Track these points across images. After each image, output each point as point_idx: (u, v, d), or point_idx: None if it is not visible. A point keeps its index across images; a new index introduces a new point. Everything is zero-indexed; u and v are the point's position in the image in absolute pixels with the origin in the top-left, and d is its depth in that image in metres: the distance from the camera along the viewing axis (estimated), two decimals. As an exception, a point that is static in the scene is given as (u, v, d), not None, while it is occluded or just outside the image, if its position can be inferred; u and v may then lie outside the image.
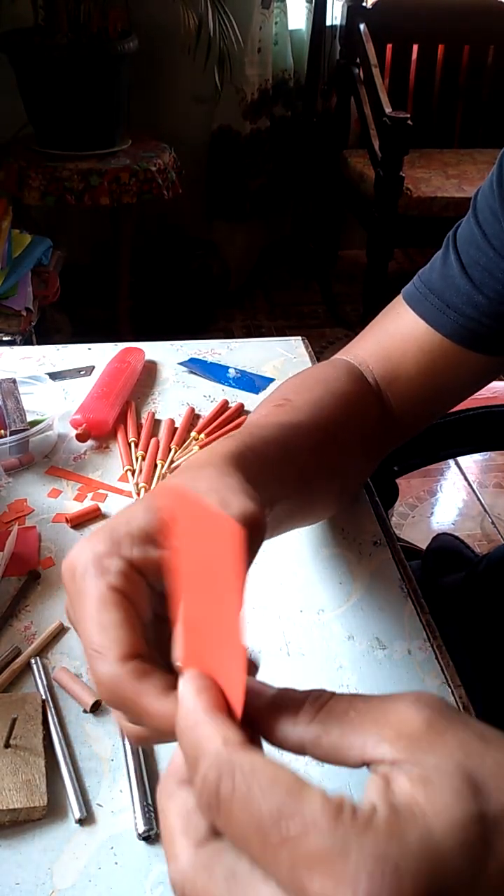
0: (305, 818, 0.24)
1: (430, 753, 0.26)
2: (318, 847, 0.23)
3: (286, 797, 0.25)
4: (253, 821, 0.25)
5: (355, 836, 0.23)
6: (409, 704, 0.27)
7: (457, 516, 2.18)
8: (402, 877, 0.23)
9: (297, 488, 0.53)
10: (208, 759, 0.27)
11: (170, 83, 2.80)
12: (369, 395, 0.67)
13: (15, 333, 1.91)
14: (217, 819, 0.26)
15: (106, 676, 0.34)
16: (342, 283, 3.27)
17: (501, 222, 0.63)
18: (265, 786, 0.25)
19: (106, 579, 0.36)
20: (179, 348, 1.02)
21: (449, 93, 3.12)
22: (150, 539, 0.38)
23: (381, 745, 0.26)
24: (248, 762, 0.26)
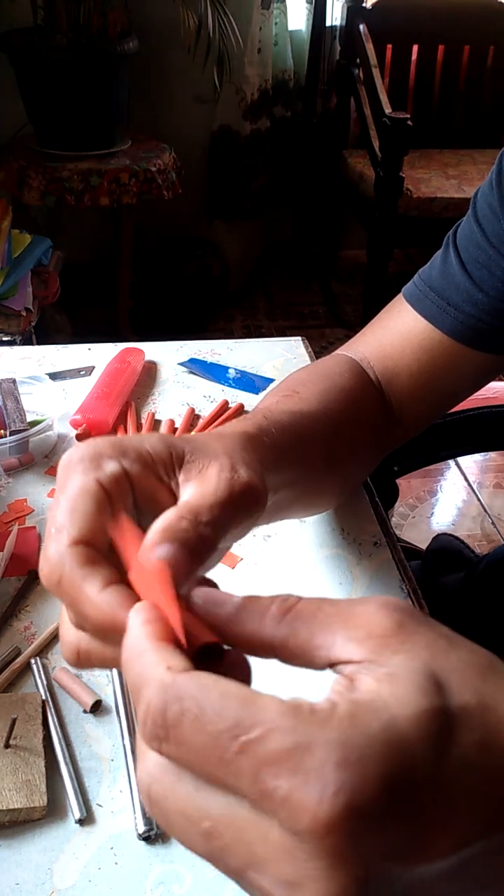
0: (264, 723, 0.24)
1: (398, 653, 0.26)
2: (280, 747, 0.23)
3: (240, 708, 0.24)
4: (208, 739, 0.24)
5: (318, 729, 0.23)
6: (379, 607, 0.27)
7: (457, 516, 2.18)
8: (368, 765, 0.23)
9: (304, 476, 0.53)
10: (151, 686, 0.26)
11: (170, 83, 2.80)
12: (371, 391, 0.67)
13: (15, 333, 1.91)
14: (167, 748, 0.25)
15: (54, 555, 0.33)
16: (342, 284, 3.27)
17: (501, 221, 0.63)
18: (216, 702, 0.24)
19: (96, 473, 0.35)
20: (179, 348, 1.02)
21: (449, 93, 3.12)
22: (154, 465, 0.37)
23: (349, 644, 0.26)
24: (194, 683, 0.25)
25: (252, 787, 0.23)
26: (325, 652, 0.27)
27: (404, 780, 0.23)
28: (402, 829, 0.23)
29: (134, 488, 0.36)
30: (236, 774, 0.24)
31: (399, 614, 0.27)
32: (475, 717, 0.24)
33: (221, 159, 2.94)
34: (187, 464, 0.38)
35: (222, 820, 0.24)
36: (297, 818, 0.23)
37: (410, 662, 0.25)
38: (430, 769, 0.23)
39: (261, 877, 0.24)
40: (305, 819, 0.22)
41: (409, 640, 0.26)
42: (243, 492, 0.38)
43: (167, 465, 0.38)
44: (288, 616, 0.28)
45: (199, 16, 2.29)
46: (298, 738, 0.23)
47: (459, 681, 0.25)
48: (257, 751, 0.23)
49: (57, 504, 0.35)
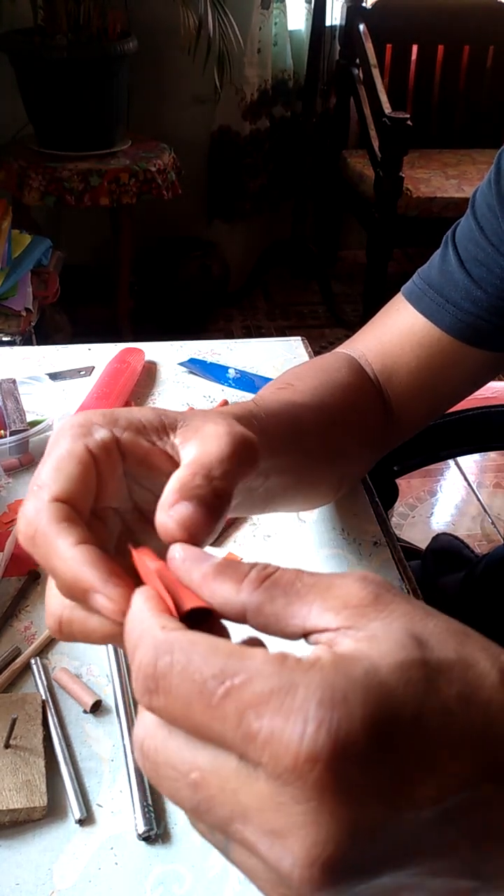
0: (249, 669, 0.24)
1: (375, 620, 0.26)
2: (264, 689, 0.23)
3: (228, 658, 0.25)
4: (194, 686, 0.24)
5: (301, 674, 0.24)
6: (356, 580, 0.27)
7: (456, 516, 2.18)
8: (351, 704, 0.23)
9: (297, 464, 0.53)
10: (145, 642, 0.26)
11: (170, 83, 2.80)
12: (369, 388, 0.67)
13: (15, 333, 1.90)
14: (156, 700, 0.25)
15: (31, 510, 0.33)
16: (342, 283, 3.27)
17: (499, 219, 0.64)
18: (204, 653, 0.25)
19: (85, 440, 0.35)
20: (179, 348, 1.02)
21: (449, 93, 3.12)
22: (145, 431, 0.37)
23: (326, 613, 0.27)
24: (185, 638, 0.26)
25: (237, 732, 0.24)
26: (299, 621, 0.27)
27: (387, 721, 0.23)
28: (385, 771, 0.23)
29: (125, 455, 0.37)
30: (222, 719, 0.24)
31: (375, 587, 0.27)
32: (455, 670, 0.25)
33: (221, 159, 2.94)
34: (181, 427, 0.38)
35: (210, 769, 0.25)
36: (281, 757, 0.23)
37: (389, 626, 0.26)
38: (411, 713, 0.23)
39: (246, 828, 0.24)
40: (288, 757, 0.23)
41: (385, 609, 0.26)
42: (244, 443, 0.38)
43: (159, 430, 0.38)
44: (265, 583, 0.28)
45: (198, 16, 2.29)
46: (282, 681, 0.24)
47: (438, 640, 0.26)
48: (242, 694, 0.24)
49: (42, 465, 0.35)
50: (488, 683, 0.25)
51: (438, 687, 0.24)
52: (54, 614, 0.34)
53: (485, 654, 0.26)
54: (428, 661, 0.25)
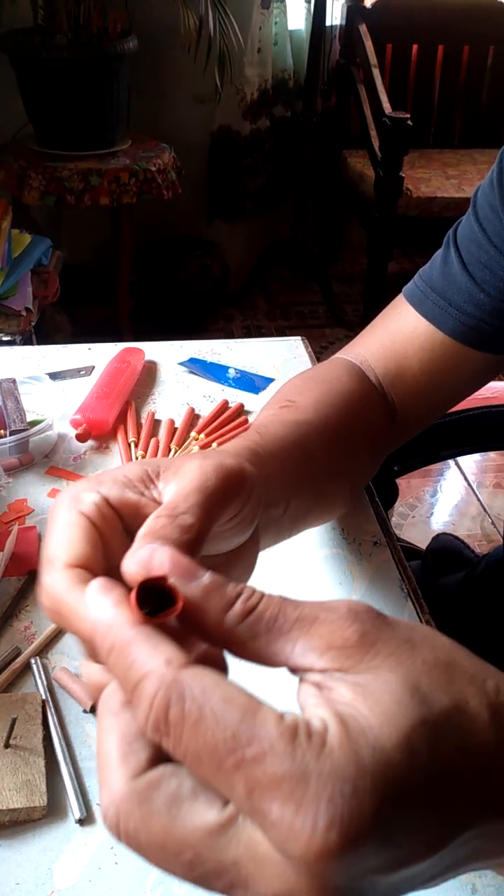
0: (262, 742, 0.24)
1: (362, 662, 0.26)
2: (276, 772, 0.23)
3: (241, 721, 0.24)
4: (207, 746, 0.24)
5: (313, 759, 0.23)
6: (340, 617, 0.27)
7: (456, 516, 2.18)
8: (361, 796, 0.23)
9: (312, 485, 0.53)
10: (153, 681, 0.25)
11: (170, 83, 2.79)
12: (372, 394, 0.67)
13: (15, 333, 1.90)
14: (166, 742, 0.25)
15: (48, 582, 0.33)
16: (342, 283, 3.27)
17: (502, 220, 0.63)
18: (217, 709, 0.24)
19: (78, 507, 0.36)
20: (179, 348, 1.02)
21: (449, 93, 3.12)
22: (130, 483, 0.38)
23: (309, 653, 0.26)
24: (197, 684, 0.25)
25: (245, 804, 0.24)
26: (282, 658, 0.27)
27: (395, 804, 0.23)
28: (389, 849, 0.23)
29: (118, 512, 0.37)
30: (230, 786, 0.24)
31: (360, 624, 0.27)
32: (452, 720, 0.25)
33: (221, 159, 2.94)
34: (163, 472, 0.38)
35: (204, 846, 0.24)
36: (289, 844, 0.23)
37: (379, 676, 0.26)
38: (419, 784, 0.24)
39: (247, 892, 0.24)
40: (297, 847, 0.23)
41: (371, 650, 0.26)
42: (217, 473, 0.38)
43: (144, 480, 0.38)
44: (249, 618, 0.28)
45: (199, 15, 2.29)
46: (294, 768, 0.23)
47: (429, 684, 0.26)
48: (254, 771, 0.23)
49: (46, 544, 0.35)
50: (480, 726, 0.25)
51: (441, 748, 0.24)
52: (93, 684, 0.33)
53: (473, 688, 0.26)
54: (427, 720, 0.25)
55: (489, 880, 0.49)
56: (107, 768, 0.26)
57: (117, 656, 0.27)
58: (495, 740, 0.25)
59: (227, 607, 0.28)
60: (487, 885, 0.49)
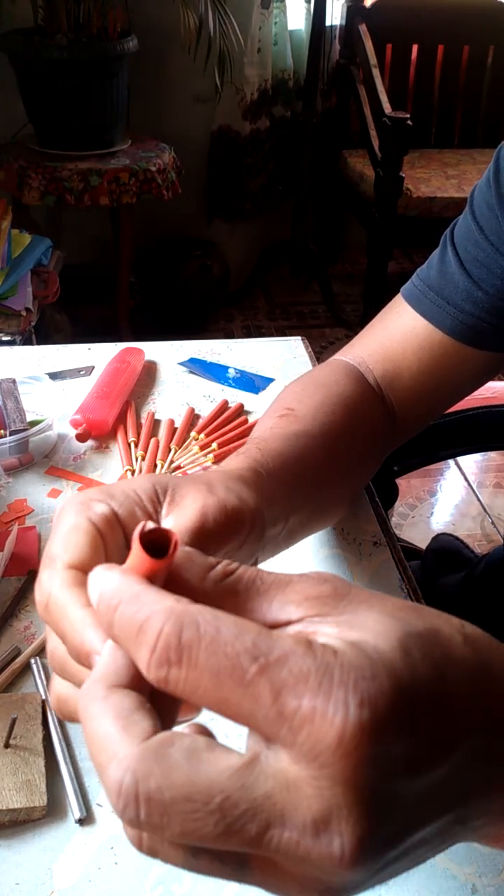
0: (283, 648, 0.24)
1: (338, 606, 0.27)
2: (302, 668, 0.24)
3: (258, 634, 0.25)
4: (225, 660, 0.24)
5: (331, 656, 0.24)
6: (312, 577, 0.28)
7: (456, 516, 2.18)
8: (381, 681, 0.24)
9: (312, 497, 0.53)
10: (161, 615, 0.25)
11: (170, 83, 2.80)
12: (370, 396, 0.67)
13: (15, 333, 1.90)
14: (176, 673, 0.24)
15: (45, 579, 0.33)
16: (342, 283, 3.27)
17: (499, 218, 0.63)
18: (234, 627, 0.25)
19: (87, 513, 0.36)
20: (179, 348, 1.02)
21: (448, 93, 3.12)
22: (140, 503, 0.38)
23: (287, 606, 0.27)
24: (208, 611, 0.25)
25: (271, 709, 0.24)
26: (259, 615, 0.28)
27: (407, 692, 0.24)
28: (411, 738, 0.24)
29: (124, 527, 0.37)
30: (255, 696, 0.24)
31: (331, 583, 0.28)
32: (431, 636, 0.27)
33: (221, 159, 2.94)
34: (169, 496, 0.39)
35: (234, 786, 0.24)
36: (323, 735, 0.23)
37: (356, 611, 0.27)
38: (422, 680, 0.25)
39: (285, 831, 0.24)
40: (332, 734, 0.23)
41: (346, 598, 0.28)
42: (216, 516, 0.38)
43: (153, 501, 0.38)
44: (229, 578, 0.28)
45: (199, 15, 2.29)
46: (318, 662, 0.24)
47: (406, 615, 0.27)
48: (279, 671, 0.24)
49: (50, 543, 0.36)
50: (456, 644, 0.27)
51: (430, 654, 0.26)
52: (56, 694, 0.34)
53: (442, 620, 0.28)
54: (411, 633, 0.26)
55: (489, 880, 0.49)
56: (107, 745, 0.25)
57: (125, 607, 0.26)
58: (473, 657, 0.27)
59: (208, 569, 0.29)
60: (487, 886, 0.49)
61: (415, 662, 0.25)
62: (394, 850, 0.25)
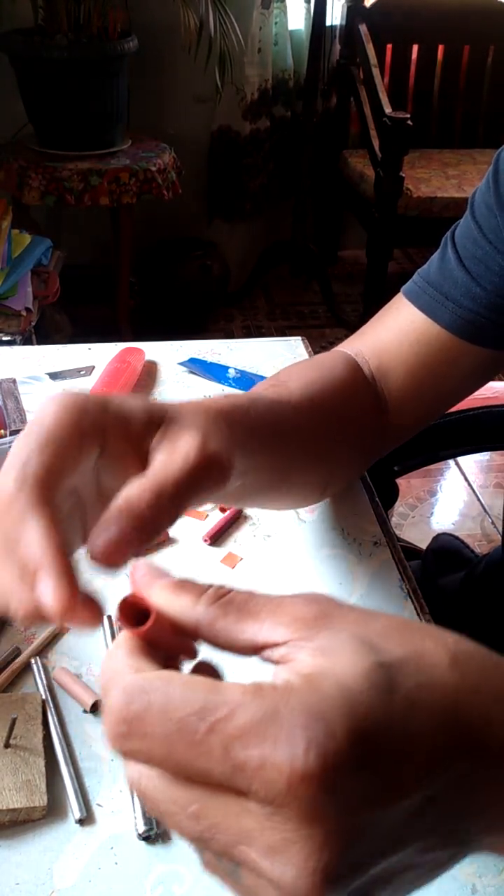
0: (229, 703, 0.25)
1: (323, 630, 0.27)
2: (248, 720, 0.24)
3: (207, 694, 0.25)
4: (175, 725, 0.25)
5: (280, 699, 0.25)
6: (303, 599, 0.29)
7: (457, 516, 2.18)
8: (331, 720, 0.24)
9: (279, 464, 0.53)
10: (113, 689, 0.26)
11: (170, 83, 2.79)
12: (363, 386, 0.67)
13: (15, 333, 1.91)
14: (129, 744, 0.26)
15: (13, 480, 0.34)
16: (342, 283, 3.27)
17: (497, 217, 0.64)
18: (182, 691, 0.25)
19: (77, 420, 0.36)
20: (179, 348, 1.02)
21: (449, 93, 3.12)
22: (129, 427, 0.39)
23: (277, 628, 0.28)
24: (159, 677, 0.26)
25: (224, 765, 0.24)
26: (250, 635, 0.28)
27: (364, 728, 0.24)
28: (369, 775, 0.24)
29: (105, 448, 0.37)
30: (207, 755, 0.24)
31: (319, 604, 0.29)
32: (409, 664, 0.26)
33: (221, 159, 2.94)
34: (161, 430, 0.39)
35: (207, 800, 0.25)
36: (273, 782, 0.23)
37: (336, 636, 0.27)
38: (383, 714, 0.25)
39: (250, 849, 0.25)
40: (281, 780, 0.23)
41: (331, 620, 0.28)
42: (210, 465, 0.38)
43: (143, 427, 0.39)
44: (221, 600, 0.29)
45: (199, 16, 2.29)
46: (264, 710, 0.24)
47: (385, 641, 0.27)
48: (226, 727, 0.24)
49: (29, 435, 0.36)
50: (439, 669, 0.27)
51: (399, 683, 0.26)
52: None
53: (431, 641, 0.28)
54: (382, 663, 0.26)
55: (489, 880, 0.49)
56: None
57: (104, 681, 0.28)
58: (456, 680, 0.27)
59: (201, 592, 0.30)
60: (488, 886, 0.49)
61: (377, 695, 0.25)
62: (363, 876, 0.25)
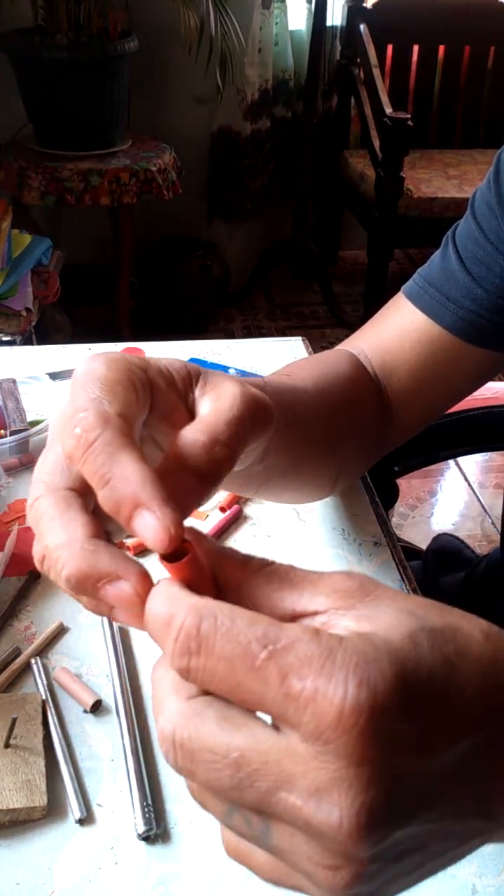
0: (290, 636, 0.26)
1: (362, 602, 0.29)
2: (305, 653, 0.25)
3: (269, 625, 0.27)
4: (238, 647, 0.26)
5: (335, 643, 0.26)
6: (342, 574, 0.30)
7: (457, 517, 2.18)
8: (382, 665, 0.25)
9: (297, 448, 0.53)
10: (183, 610, 0.27)
11: (170, 83, 2.80)
12: (366, 382, 0.67)
13: (15, 333, 1.90)
14: (196, 661, 0.27)
15: (95, 416, 0.32)
16: (342, 284, 3.27)
17: (498, 218, 0.64)
18: (247, 619, 0.27)
19: (129, 375, 0.35)
20: (179, 348, 1.02)
21: (449, 93, 3.12)
22: (174, 383, 0.37)
23: (316, 597, 0.29)
24: (226, 606, 0.27)
25: (278, 692, 0.25)
26: (289, 603, 0.29)
27: (409, 678, 0.26)
28: (412, 722, 0.25)
29: (152, 406, 0.36)
30: (264, 680, 0.26)
31: (359, 579, 0.30)
32: (447, 632, 0.28)
33: (221, 159, 2.94)
34: (202, 380, 0.38)
35: (249, 746, 0.26)
36: (324, 713, 0.25)
37: (377, 605, 0.28)
38: (426, 670, 0.26)
39: (290, 794, 0.25)
40: (332, 712, 0.24)
41: (371, 594, 0.29)
42: (258, 405, 0.38)
43: (185, 382, 0.38)
44: (266, 569, 0.30)
45: (199, 16, 2.29)
46: (321, 648, 0.26)
47: (425, 612, 0.28)
48: (285, 657, 0.26)
49: (86, 381, 0.34)
50: (475, 641, 0.28)
51: (439, 646, 0.27)
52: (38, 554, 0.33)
53: (465, 619, 0.29)
54: (424, 628, 0.27)
55: (489, 880, 0.49)
56: (161, 701, 0.28)
57: (156, 605, 0.29)
58: (491, 651, 0.28)
59: (247, 559, 0.31)
60: (487, 886, 0.49)
61: (421, 652, 0.26)
62: (401, 829, 0.26)
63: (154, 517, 0.30)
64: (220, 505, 0.74)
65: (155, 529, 0.29)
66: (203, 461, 0.34)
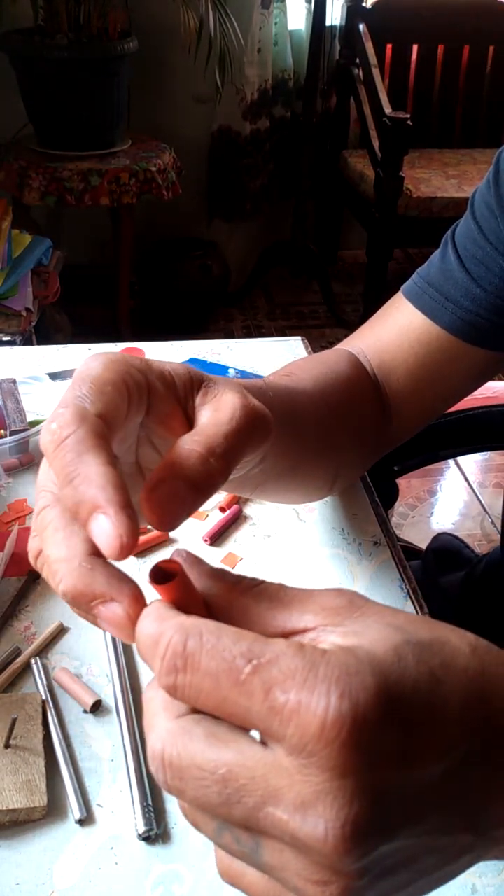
0: (274, 651, 0.26)
1: (352, 616, 0.29)
2: (289, 667, 0.26)
3: (254, 641, 0.27)
4: (223, 664, 0.26)
5: (318, 656, 0.26)
6: (332, 591, 0.30)
7: (457, 516, 2.18)
8: (365, 678, 0.26)
9: (295, 450, 0.53)
10: (171, 629, 0.28)
11: (170, 83, 2.80)
12: (366, 382, 0.67)
13: (15, 333, 1.90)
14: (182, 678, 0.27)
15: (71, 415, 0.32)
16: (342, 283, 3.27)
17: (497, 218, 0.64)
18: (233, 636, 0.27)
19: (124, 376, 0.35)
20: (179, 348, 1.02)
21: (449, 93, 3.12)
22: (174, 388, 0.37)
23: (305, 615, 0.29)
24: (212, 624, 0.28)
25: (263, 706, 0.25)
26: (280, 622, 0.29)
27: (393, 691, 0.26)
28: (396, 734, 0.25)
29: (150, 409, 0.36)
30: (249, 694, 0.26)
31: (348, 596, 0.30)
32: (434, 646, 0.28)
33: (221, 159, 2.94)
34: (204, 388, 0.38)
35: (237, 762, 0.26)
36: (307, 725, 0.25)
37: (365, 621, 0.29)
38: (410, 683, 0.26)
39: (277, 809, 0.25)
40: (315, 724, 0.25)
41: (359, 610, 0.29)
42: (255, 419, 0.37)
43: (186, 388, 0.38)
44: (254, 590, 0.31)
45: (199, 16, 2.29)
46: (304, 661, 0.26)
47: (412, 627, 0.29)
48: (269, 671, 0.26)
49: (78, 384, 0.34)
50: (462, 654, 0.28)
51: (425, 659, 0.27)
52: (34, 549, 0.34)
53: (454, 633, 0.29)
54: (409, 641, 0.28)
55: (489, 880, 0.49)
56: (152, 718, 0.29)
57: (145, 624, 0.29)
58: (477, 665, 0.28)
59: (237, 580, 0.31)
60: (487, 886, 0.49)
61: (406, 665, 0.27)
62: (388, 842, 0.26)
63: (109, 522, 0.30)
64: (219, 505, 0.74)
65: (108, 535, 0.30)
66: (197, 472, 0.34)
